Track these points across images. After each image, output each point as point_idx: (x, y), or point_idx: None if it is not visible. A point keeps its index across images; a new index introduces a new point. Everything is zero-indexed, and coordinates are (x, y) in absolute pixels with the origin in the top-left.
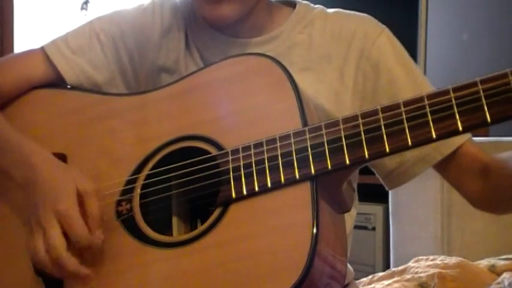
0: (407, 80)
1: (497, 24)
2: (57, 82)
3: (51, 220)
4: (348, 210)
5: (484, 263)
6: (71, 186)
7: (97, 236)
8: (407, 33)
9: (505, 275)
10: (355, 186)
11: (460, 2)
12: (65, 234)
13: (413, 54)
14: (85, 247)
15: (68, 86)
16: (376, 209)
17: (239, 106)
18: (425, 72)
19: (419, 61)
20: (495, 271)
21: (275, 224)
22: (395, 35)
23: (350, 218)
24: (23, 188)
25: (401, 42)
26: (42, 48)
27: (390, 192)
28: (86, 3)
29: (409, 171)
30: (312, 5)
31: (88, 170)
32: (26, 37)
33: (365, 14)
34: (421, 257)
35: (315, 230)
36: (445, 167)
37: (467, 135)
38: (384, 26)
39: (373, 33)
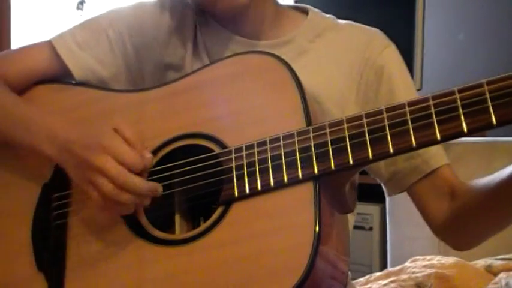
0: (406, 96)
1: (495, 25)
2: (63, 76)
3: (103, 157)
4: (351, 211)
5: (480, 263)
6: (104, 126)
7: (147, 156)
8: (404, 33)
9: (502, 275)
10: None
11: (457, 2)
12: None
13: (410, 54)
14: (142, 170)
15: (70, 82)
16: (373, 209)
17: (243, 104)
18: (421, 73)
19: (416, 61)
20: (492, 271)
21: (277, 224)
22: (393, 35)
23: (350, 219)
24: (57, 160)
25: (399, 42)
26: (49, 42)
27: None
28: (81, 3)
29: (402, 181)
30: (323, 14)
31: None
32: (22, 37)
33: (375, 28)
34: (417, 257)
35: (317, 230)
36: (418, 186)
37: (446, 158)
38: (392, 42)
39: (380, 45)
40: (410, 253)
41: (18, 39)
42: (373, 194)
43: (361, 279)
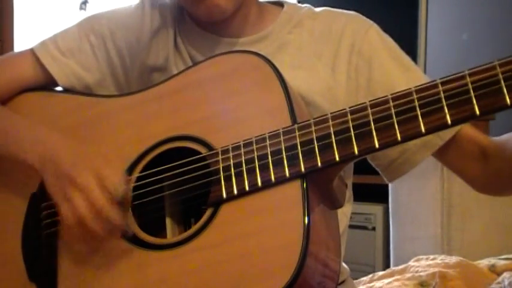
0: (400, 71)
1: (497, 24)
2: (48, 83)
3: (88, 176)
4: (341, 206)
5: (484, 262)
6: (96, 151)
7: (128, 188)
8: (407, 33)
9: (505, 274)
10: (349, 183)
11: (460, 2)
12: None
13: (413, 54)
14: (122, 198)
15: (58, 89)
16: (376, 209)
17: (228, 105)
18: (425, 72)
19: (419, 61)
20: (495, 271)
21: (266, 223)
22: (396, 35)
23: (344, 217)
24: (40, 168)
25: (401, 42)
26: (31, 50)
27: (390, 192)
28: (84, 3)
29: (411, 159)
30: (299, 4)
31: None
32: (25, 37)
33: (353, 12)
34: (421, 257)
35: (306, 228)
36: (446, 152)
37: None
38: (372, 22)
39: (361, 29)
40: (413, 253)
41: (21, 39)
42: (376, 194)
43: (365, 278)
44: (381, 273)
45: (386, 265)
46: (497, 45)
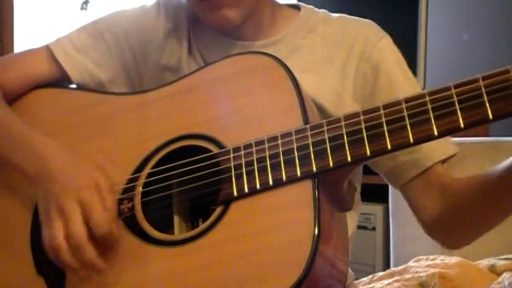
0: (406, 84)
1: (497, 24)
2: (62, 80)
3: (74, 207)
4: (349, 209)
5: (484, 262)
6: (90, 178)
7: (114, 228)
8: (407, 33)
9: (505, 274)
10: (358, 186)
11: (460, 2)
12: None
13: (413, 54)
14: (103, 237)
15: (70, 86)
16: (376, 209)
17: (240, 104)
18: (425, 72)
19: (419, 61)
20: (495, 271)
21: (276, 222)
22: (396, 35)
23: (352, 221)
24: (35, 182)
25: (401, 42)
26: (47, 46)
27: (390, 192)
28: (85, 3)
29: (402, 175)
30: (315, 9)
31: None
32: (25, 37)
33: (368, 20)
34: (421, 257)
35: (316, 229)
36: (414, 182)
37: (450, 149)
38: (386, 33)
39: (374, 37)
40: (414, 253)
41: (21, 40)
42: (376, 194)
43: (365, 278)
44: (380, 273)
45: (386, 265)
46: (497, 45)
